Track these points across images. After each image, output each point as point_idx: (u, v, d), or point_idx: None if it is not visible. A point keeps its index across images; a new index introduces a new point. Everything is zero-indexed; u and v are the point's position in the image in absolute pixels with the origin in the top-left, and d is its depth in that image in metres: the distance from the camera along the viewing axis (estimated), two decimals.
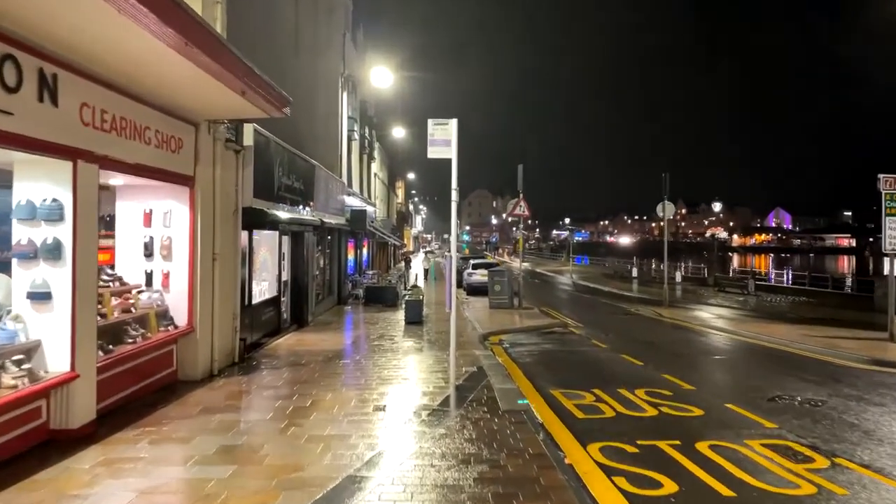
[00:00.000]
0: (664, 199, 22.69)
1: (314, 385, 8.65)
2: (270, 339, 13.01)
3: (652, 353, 13.00)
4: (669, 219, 23.44)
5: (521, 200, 22.04)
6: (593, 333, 15.85)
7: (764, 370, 11.10)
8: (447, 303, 8.74)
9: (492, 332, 15.43)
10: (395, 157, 49.85)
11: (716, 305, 26.31)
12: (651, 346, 13.95)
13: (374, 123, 33.46)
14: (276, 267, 14.02)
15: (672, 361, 12.10)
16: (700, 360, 12.46)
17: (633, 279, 41.98)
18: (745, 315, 22.23)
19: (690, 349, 13.76)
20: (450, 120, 8.51)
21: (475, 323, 16.89)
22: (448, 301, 8.60)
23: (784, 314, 22.91)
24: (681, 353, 13.08)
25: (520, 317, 18.90)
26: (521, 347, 13.45)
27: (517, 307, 21.44)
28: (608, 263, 60.64)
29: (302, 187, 14.72)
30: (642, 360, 11.90)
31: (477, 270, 28.13)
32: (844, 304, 26.61)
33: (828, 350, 13.01)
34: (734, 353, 13.22)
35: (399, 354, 11.38)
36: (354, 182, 26.35)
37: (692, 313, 21.99)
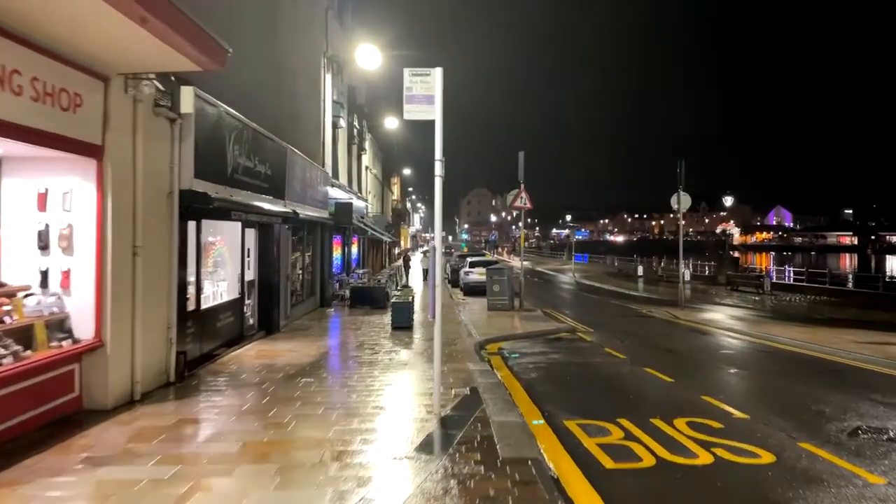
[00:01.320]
0: (679, 190, 20.67)
1: (257, 417, 6.64)
2: (229, 349, 10.99)
3: (679, 364, 11.00)
4: (675, 215, 21.47)
5: (522, 192, 20.02)
6: (606, 340, 13.84)
7: (823, 389, 9.08)
8: (430, 309, 6.73)
9: (490, 339, 13.41)
10: (391, 151, 47.79)
11: (732, 306, 24.34)
12: (676, 356, 11.94)
13: (366, 113, 31.39)
14: (237, 264, 12.00)
15: (707, 376, 10.10)
16: (740, 375, 10.45)
17: (639, 278, 40.01)
18: (767, 317, 20.24)
19: (723, 360, 11.75)
20: (432, 69, 6.50)
21: (471, 328, 14.88)
22: (431, 307, 6.59)
23: (809, 315, 20.93)
24: (713, 365, 11.07)
25: (521, 320, 16.88)
26: (524, 358, 11.44)
27: (518, 309, 19.43)
28: (611, 262, 58.62)
29: (269, 172, 12.69)
30: (670, 374, 9.89)
31: (474, 269, 26.11)
32: (869, 304, 24.64)
33: (891, 362, 11.00)
34: (778, 366, 11.20)
35: (377, 370, 9.36)
36: (342, 174, 24.32)
37: (709, 315, 19.99)
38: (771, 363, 11.47)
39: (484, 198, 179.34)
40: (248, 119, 11.57)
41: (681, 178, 20.52)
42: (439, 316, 6.57)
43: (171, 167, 8.37)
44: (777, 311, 22.15)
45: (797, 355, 12.17)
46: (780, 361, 11.59)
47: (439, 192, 6.72)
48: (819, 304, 25.15)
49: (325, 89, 19.97)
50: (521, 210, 20.66)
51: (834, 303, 25.63)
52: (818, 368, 10.80)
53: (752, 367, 11.16)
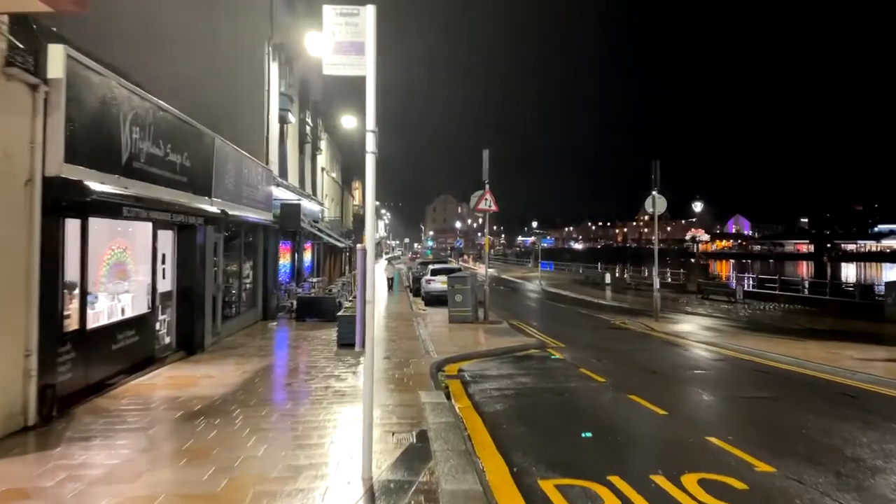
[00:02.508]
0: (654, 193, 19.35)
1: (118, 483, 4.76)
2: (130, 376, 9.02)
3: (667, 389, 9.45)
4: (638, 223, 20.24)
5: (486, 193, 18.40)
6: (580, 358, 12.26)
7: (844, 422, 7.60)
8: (357, 336, 5.02)
9: (450, 359, 11.68)
10: (352, 154, 45.78)
11: (707, 316, 23.18)
12: (661, 379, 10.40)
13: (321, 111, 29.44)
14: (147, 273, 10.02)
15: (704, 406, 8.58)
16: (740, 403, 8.94)
17: (607, 286, 38.84)
18: (746, 328, 19.04)
19: (715, 383, 10.27)
20: (362, 7, 4.78)
21: (430, 344, 13.13)
22: (359, 333, 4.88)
23: (788, 326, 19.85)
24: (706, 390, 9.56)
25: (486, 334, 15.21)
26: (488, 383, 9.73)
27: (482, 321, 17.76)
28: (577, 269, 57.65)
29: (189, 164, 10.75)
30: (660, 403, 8.32)
31: (436, 277, 24.34)
32: (846, 313, 23.72)
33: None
34: (780, 390, 9.72)
35: (305, 406, 7.54)
36: (292, 174, 22.36)
37: (686, 326, 18.67)
38: (770, 387, 10.01)
39: (450, 205, 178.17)
40: (172, 105, 9.68)
41: (655, 180, 19.22)
42: (371, 349, 4.83)
43: (32, 147, 6.45)
44: (755, 322, 21.03)
45: (795, 375, 10.75)
46: (780, 384, 10.14)
47: (371, 173, 5.01)
48: (794, 314, 24.16)
49: (269, 79, 18.04)
50: (486, 213, 19.04)
51: (809, 312, 24.66)
52: (827, 393, 9.37)
53: (751, 391, 9.68)
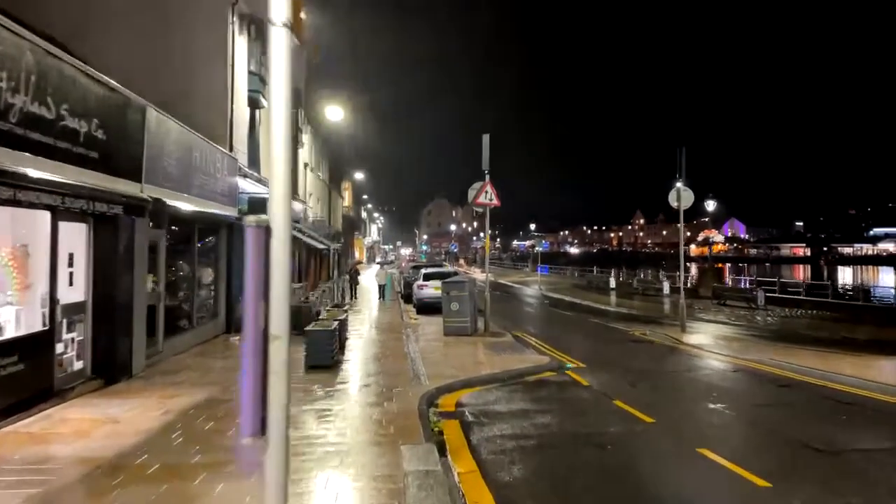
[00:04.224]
0: (678, 185, 16.89)
1: None
2: (5, 420, 6.47)
3: (746, 436, 6.99)
4: (633, 227, 17.81)
5: (487, 185, 15.92)
6: (610, 383, 9.77)
7: None
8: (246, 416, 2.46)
9: (445, 387, 9.15)
10: (340, 152, 43.27)
11: (733, 325, 20.72)
12: (730, 419, 7.89)
13: (303, 101, 26.92)
14: (42, 279, 7.48)
15: (819, 470, 6.06)
16: (873, 461, 6.44)
17: (612, 290, 36.43)
18: (784, 339, 16.56)
19: (808, 421, 7.77)
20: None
21: (420, 365, 10.63)
22: (249, 409, 2.32)
23: (831, 337, 17.41)
24: (810, 438, 7.05)
25: (488, 351, 12.69)
26: (497, 426, 7.21)
27: (483, 333, 15.27)
28: (574, 273, 55.19)
29: (100, 136, 8.19)
30: (751, 466, 5.80)
31: (429, 282, 21.82)
32: (880, 320, 21.40)
33: None
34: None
35: (229, 481, 5.00)
36: (265, 167, 19.78)
37: (716, 339, 16.21)
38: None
39: (444, 209, 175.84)
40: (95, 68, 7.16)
41: (681, 170, 16.77)
42: (281, 438, 2.32)
43: None
44: (789, 332, 18.57)
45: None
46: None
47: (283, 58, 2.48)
48: (826, 321, 21.80)
49: (233, 53, 15.51)
50: (485, 208, 16.53)
51: (839, 319, 22.30)
52: None
53: (873, 441, 7.19)
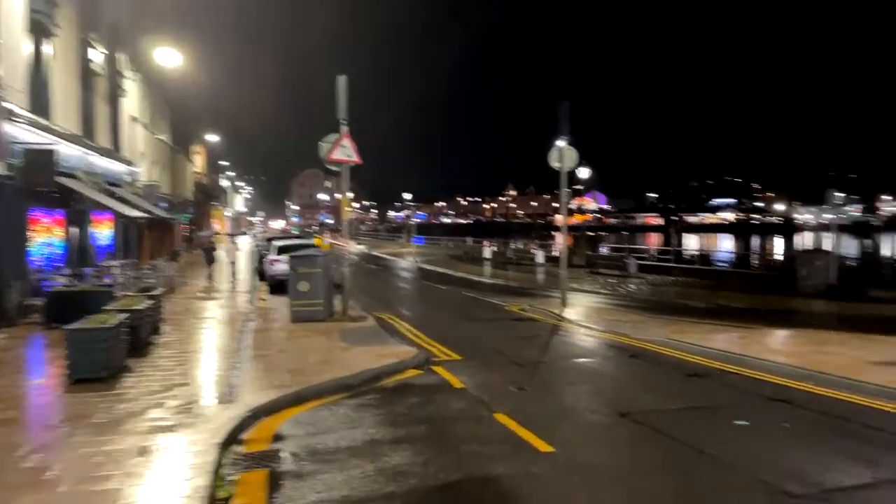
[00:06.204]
0: (559, 143, 15.07)
1: None
2: None
3: (681, 469, 4.99)
4: (505, 198, 16.00)
5: (344, 137, 13.10)
6: (490, 385, 7.57)
7: None
8: None
9: (265, 406, 6.44)
10: (187, 108, 37.83)
11: (609, 294, 19.76)
12: (646, 433, 5.93)
13: (123, 40, 22.04)
14: None
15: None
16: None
17: (486, 261, 35.11)
18: (666, 311, 15.49)
19: (770, 443, 5.96)
20: None
21: (239, 369, 7.81)
22: None
23: (707, 306, 16.71)
24: (780, 474, 5.18)
25: (342, 343, 10.07)
26: (325, 478, 4.69)
27: (341, 316, 12.61)
28: (449, 244, 53.88)
29: None
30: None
31: (283, 256, 18.63)
32: (749, 287, 21.46)
33: None
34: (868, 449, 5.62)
35: None
36: (59, 110, 15.51)
37: (600, 312, 14.81)
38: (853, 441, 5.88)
39: (317, 178, 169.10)
40: None
41: (562, 127, 14.95)
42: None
43: None
44: (670, 303, 17.73)
45: (850, 409, 6.71)
46: (855, 432, 6.04)
47: None
48: (697, 288, 21.48)
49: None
50: (344, 165, 13.70)
51: (710, 286, 22.16)
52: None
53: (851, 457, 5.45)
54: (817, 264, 18.71)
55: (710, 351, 9.45)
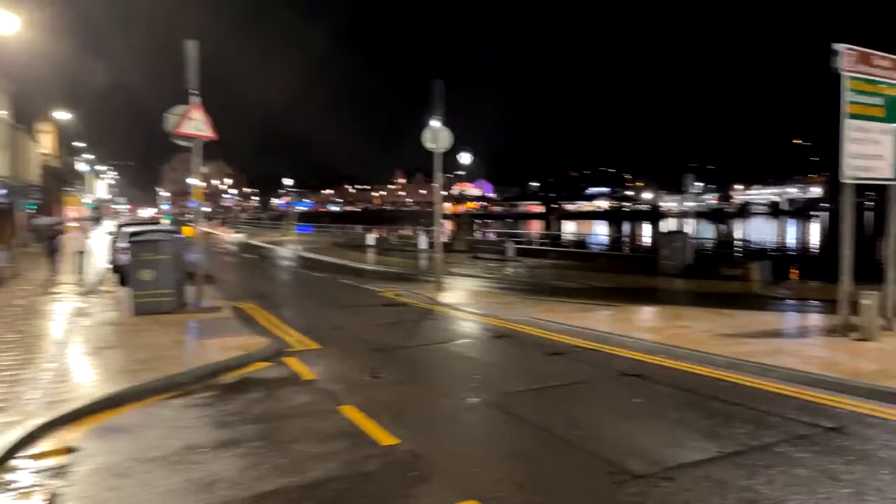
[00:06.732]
0: (433, 123, 14.68)
1: None
2: None
3: (533, 452, 4.68)
4: (394, 186, 15.59)
5: (194, 109, 11.87)
6: (344, 375, 7.00)
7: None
8: None
9: (68, 414, 5.44)
10: (28, 80, 33.48)
11: (488, 278, 19.81)
12: (499, 422, 5.61)
13: None
14: None
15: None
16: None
17: (370, 248, 34.40)
18: (537, 291, 15.71)
19: (612, 413, 5.79)
20: None
21: (63, 370, 6.65)
22: None
23: (579, 287, 17.16)
24: (623, 452, 4.98)
25: (184, 336, 9.04)
26: (110, 498, 3.87)
27: (192, 307, 11.45)
28: (339, 232, 52.53)
29: None
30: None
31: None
32: (617, 268, 22.44)
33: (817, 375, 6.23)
34: (727, 421, 5.60)
35: None
36: None
37: (474, 296, 14.70)
38: (709, 413, 5.85)
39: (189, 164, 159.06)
40: None
41: (436, 107, 14.56)
42: None
43: None
44: (542, 284, 18.02)
45: (699, 382, 6.80)
46: (706, 401, 6.04)
47: None
48: (571, 270, 22.13)
49: None
50: (196, 140, 12.42)
51: (583, 267, 22.94)
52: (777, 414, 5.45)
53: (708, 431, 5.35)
54: (676, 245, 19.79)
55: (573, 329, 9.45)
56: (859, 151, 8.67)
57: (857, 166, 8.68)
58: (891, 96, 8.99)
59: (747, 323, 9.79)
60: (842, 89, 8.52)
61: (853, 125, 8.57)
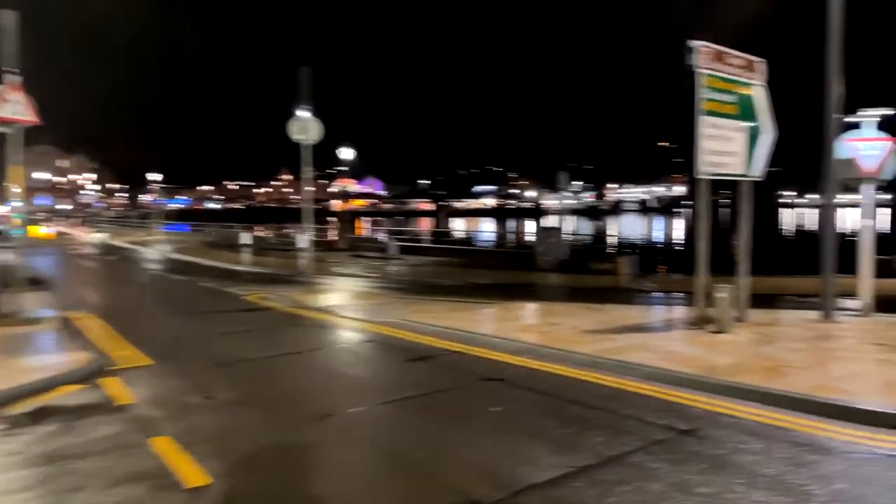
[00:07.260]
0: (301, 115, 13.70)
1: None
2: None
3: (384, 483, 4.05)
4: (279, 182, 14.62)
5: (11, 89, 10.16)
6: (170, 397, 6.02)
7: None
8: None
9: None
10: None
11: (365, 277, 19.10)
12: (351, 449, 4.95)
13: None
14: None
15: None
16: None
17: (245, 248, 32.44)
18: (414, 289, 15.24)
19: (462, 427, 5.26)
20: None
21: None
22: None
23: (457, 284, 16.90)
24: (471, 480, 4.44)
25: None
26: None
27: (12, 319, 9.74)
28: (218, 232, 49.38)
29: None
30: None
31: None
32: (498, 264, 22.57)
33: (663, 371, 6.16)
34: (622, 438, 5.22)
35: None
36: None
37: (345, 296, 13.96)
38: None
39: (49, 157, 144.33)
40: None
41: (304, 96, 13.59)
42: None
43: None
44: (420, 282, 17.58)
45: (561, 384, 6.49)
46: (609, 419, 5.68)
47: None
48: (453, 268, 21.94)
49: None
50: (16, 126, 10.63)
51: (463, 264, 22.87)
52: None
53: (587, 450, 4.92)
54: (551, 241, 20.13)
55: (442, 330, 8.97)
56: (714, 148, 8.87)
57: (712, 162, 8.89)
58: (744, 95, 9.32)
59: (614, 318, 9.83)
60: (697, 86, 8.67)
61: (708, 122, 8.75)
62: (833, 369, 6.49)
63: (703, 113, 8.68)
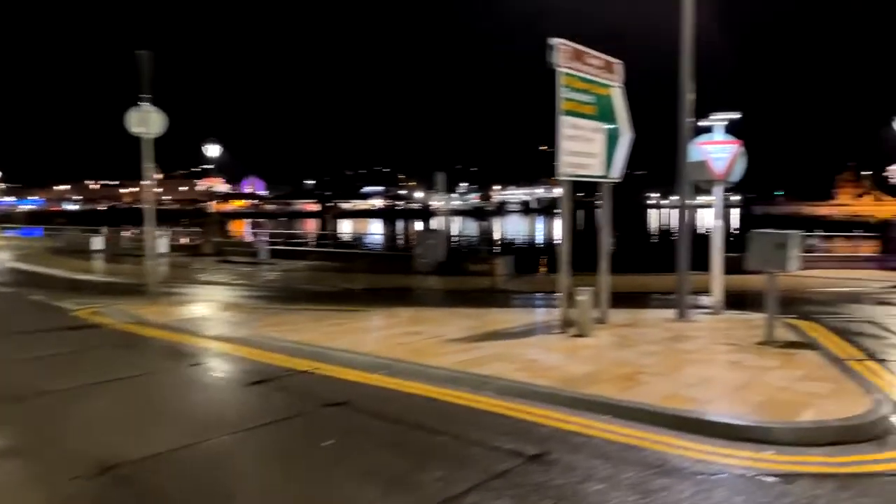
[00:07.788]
0: (142, 105, 12.19)
1: None
2: None
3: None
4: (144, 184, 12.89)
5: None
6: None
7: None
8: None
9: None
10: None
11: (228, 284, 17.75)
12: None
13: None
14: None
15: None
16: None
17: (97, 254, 29.32)
18: (280, 297, 14.21)
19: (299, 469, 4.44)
20: None
21: None
22: None
23: (328, 290, 16.02)
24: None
25: None
26: None
27: None
28: (74, 236, 44.40)
29: None
30: None
31: None
32: (376, 268, 21.91)
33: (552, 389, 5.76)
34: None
35: None
36: None
37: (198, 307, 12.66)
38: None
39: None
40: None
41: (144, 84, 12.10)
42: None
43: None
44: (289, 288, 16.48)
45: (410, 406, 5.85)
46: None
47: None
48: (327, 272, 20.96)
49: None
50: None
51: (339, 268, 21.95)
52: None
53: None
54: (430, 243, 19.73)
55: (293, 347, 8.08)
56: (574, 149, 8.70)
57: (573, 163, 8.72)
58: (603, 95, 9.25)
59: (481, 323, 9.43)
60: (557, 85, 8.45)
61: (568, 122, 8.56)
62: (686, 374, 6.40)
63: (562, 113, 8.48)
